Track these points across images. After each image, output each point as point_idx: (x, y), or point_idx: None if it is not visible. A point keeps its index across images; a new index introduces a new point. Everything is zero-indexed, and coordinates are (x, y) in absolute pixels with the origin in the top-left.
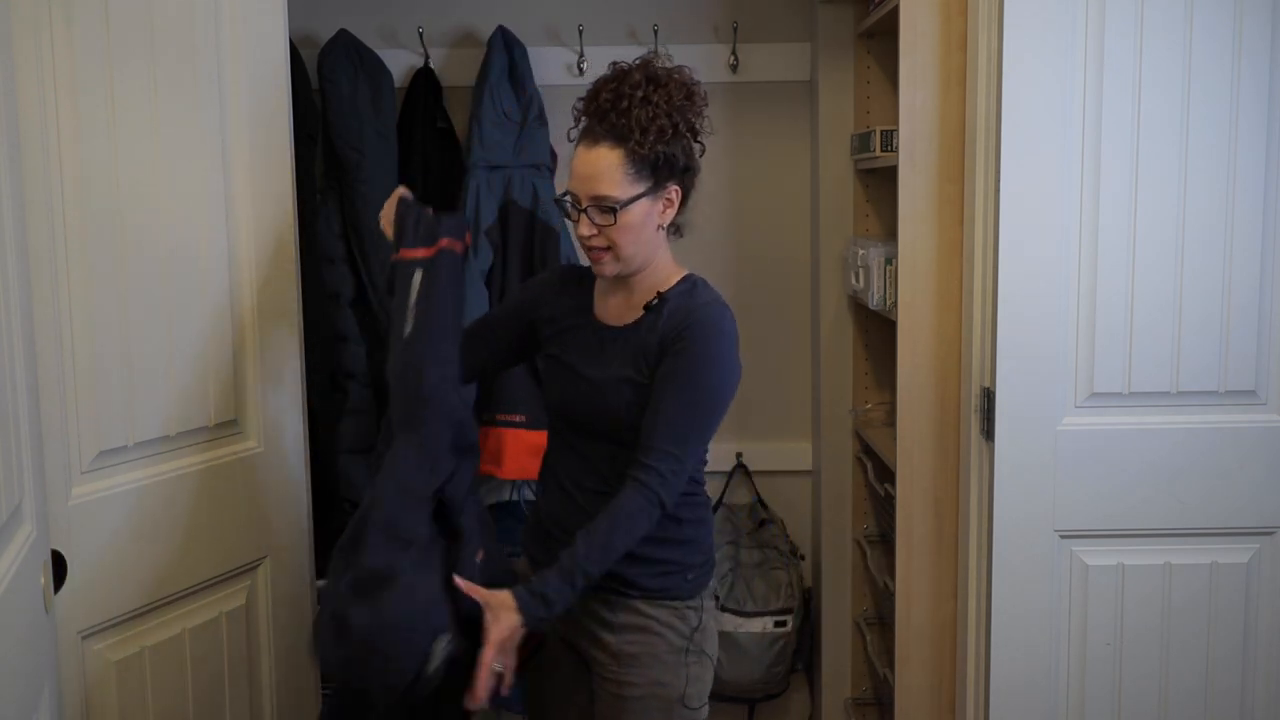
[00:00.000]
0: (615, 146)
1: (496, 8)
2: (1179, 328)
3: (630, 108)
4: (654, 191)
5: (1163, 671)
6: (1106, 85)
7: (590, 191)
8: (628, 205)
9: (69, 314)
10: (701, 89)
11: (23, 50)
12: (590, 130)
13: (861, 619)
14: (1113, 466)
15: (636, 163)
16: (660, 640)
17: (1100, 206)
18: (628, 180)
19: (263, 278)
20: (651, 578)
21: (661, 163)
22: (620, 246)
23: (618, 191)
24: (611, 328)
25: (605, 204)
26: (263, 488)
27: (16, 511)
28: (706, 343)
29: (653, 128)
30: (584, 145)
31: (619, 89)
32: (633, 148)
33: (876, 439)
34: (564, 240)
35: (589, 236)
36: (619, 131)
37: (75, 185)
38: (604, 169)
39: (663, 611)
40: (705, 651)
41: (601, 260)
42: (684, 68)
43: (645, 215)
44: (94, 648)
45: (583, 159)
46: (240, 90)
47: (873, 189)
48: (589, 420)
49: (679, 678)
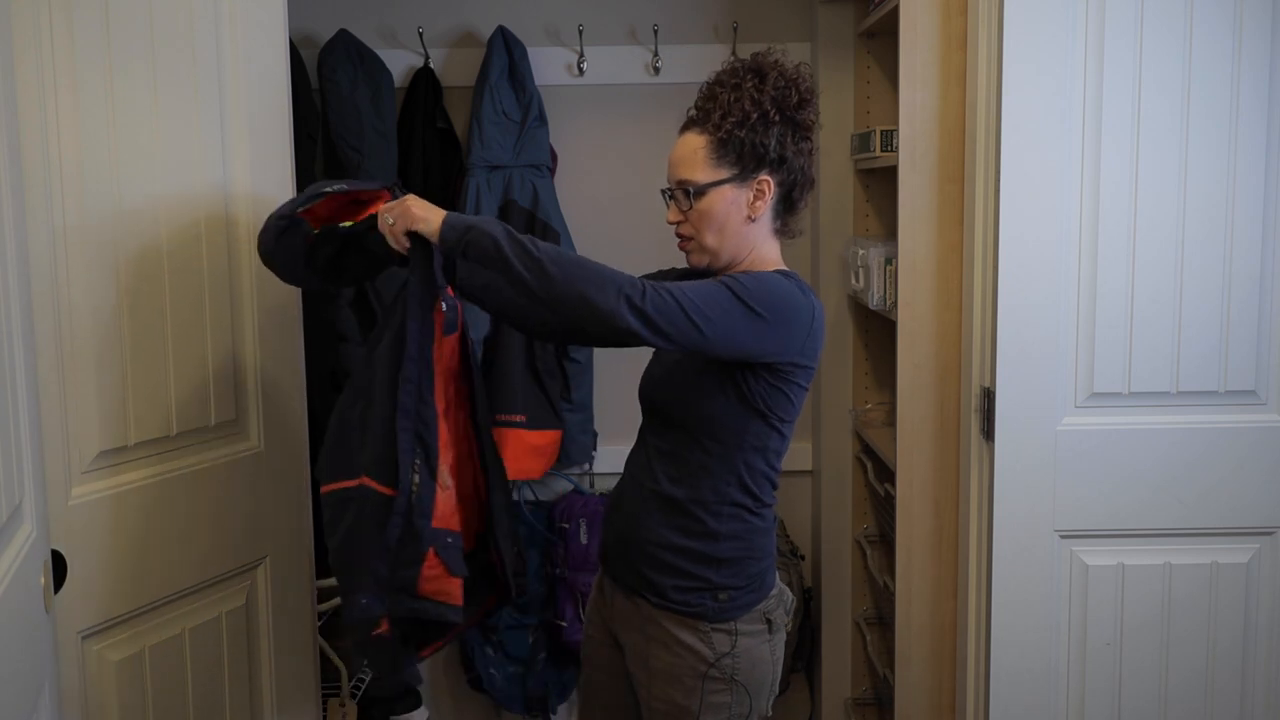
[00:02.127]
0: (700, 131)
1: (496, 8)
2: (1179, 327)
3: (720, 92)
4: (739, 179)
5: (1163, 671)
6: (1106, 85)
7: (674, 176)
8: (705, 190)
9: (69, 314)
10: (809, 84)
11: (22, 51)
12: (687, 117)
13: (861, 619)
14: (1113, 466)
15: (719, 147)
16: (680, 662)
17: (1100, 206)
18: (709, 165)
19: (263, 278)
20: (678, 591)
21: (747, 150)
22: (702, 234)
23: (698, 175)
24: None
25: (684, 187)
26: (263, 488)
27: (16, 511)
28: (770, 281)
29: (735, 110)
30: (680, 132)
31: (719, 77)
32: (715, 132)
33: (876, 439)
34: (564, 240)
35: (674, 223)
36: (706, 115)
37: (75, 186)
38: (687, 153)
39: (686, 633)
40: (736, 679)
41: (688, 248)
42: (798, 64)
43: (728, 203)
44: (94, 648)
45: (676, 145)
46: (240, 90)
47: (873, 189)
48: (659, 404)
49: (694, 702)
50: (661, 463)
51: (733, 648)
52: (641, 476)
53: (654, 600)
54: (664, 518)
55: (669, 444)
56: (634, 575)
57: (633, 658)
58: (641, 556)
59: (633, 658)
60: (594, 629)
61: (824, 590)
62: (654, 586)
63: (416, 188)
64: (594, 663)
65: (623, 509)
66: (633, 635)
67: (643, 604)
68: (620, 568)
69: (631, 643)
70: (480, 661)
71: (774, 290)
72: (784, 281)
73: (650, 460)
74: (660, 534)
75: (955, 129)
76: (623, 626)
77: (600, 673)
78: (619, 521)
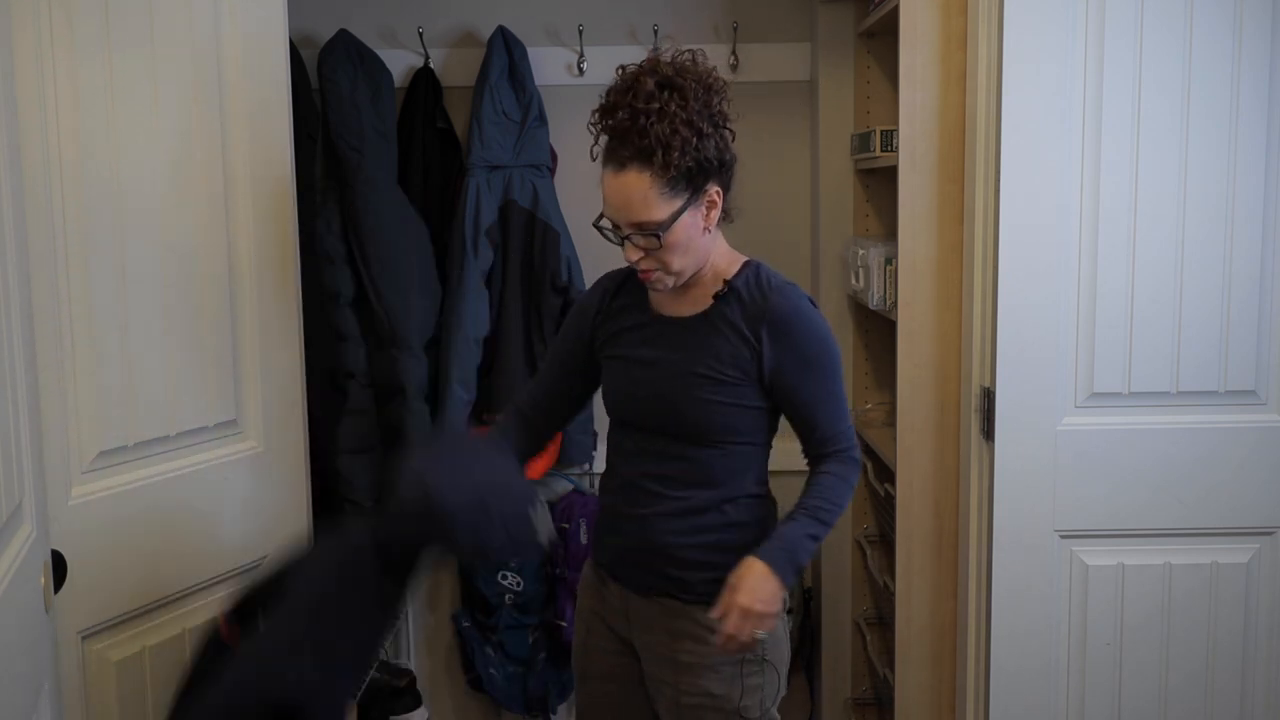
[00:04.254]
0: (643, 169)
1: (496, 8)
2: (1179, 328)
3: (649, 125)
4: (693, 201)
5: (1163, 671)
6: (1106, 85)
7: (628, 219)
8: (670, 225)
9: (69, 314)
10: (717, 76)
11: (22, 52)
12: (613, 153)
13: (861, 619)
14: (1113, 466)
15: (668, 181)
16: (716, 650)
17: (1100, 206)
18: (664, 200)
19: (263, 277)
20: (707, 583)
21: (695, 171)
22: (670, 263)
23: (656, 214)
24: (675, 319)
25: (647, 230)
26: (263, 488)
27: (16, 511)
28: (812, 321)
29: (675, 141)
30: (610, 170)
31: (634, 106)
32: (660, 167)
33: (876, 439)
34: (564, 240)
35: (637, 261)
36: (643, 152)
37: (75, 187)
38: (636, 195)
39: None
40: (767, 659)
41: (652, 279)
42: (694, 55)
43: (689, 227)
44: (94, 648)
45: (612, 185)
46: (240, 90)
47: (873, 189)
48: (649, 411)
49: (734, 689)
50: (677, 471)
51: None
52: (652, 485)
53: (682, 596)
54: (684, 522)
55: (683, 453)
56: (656, 578)
57: (655, 658)
58: (665, 560)
59: (655, 658)
60: (596, 638)
61: (824, 590)
62: (680, 583)
63: (417, 187)
64: (600, 673)
65: (635, 518)
66: (655, 635)
67: (668, 602)
68: (638, 573)
69: (653, 642)
70: (480, 661)
71: (832, 342)
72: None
73: (662, 470)
74: (683, 537)
75: (955, 129)
76: (641, 628)
77: (609, 683)
78: (632, 531)
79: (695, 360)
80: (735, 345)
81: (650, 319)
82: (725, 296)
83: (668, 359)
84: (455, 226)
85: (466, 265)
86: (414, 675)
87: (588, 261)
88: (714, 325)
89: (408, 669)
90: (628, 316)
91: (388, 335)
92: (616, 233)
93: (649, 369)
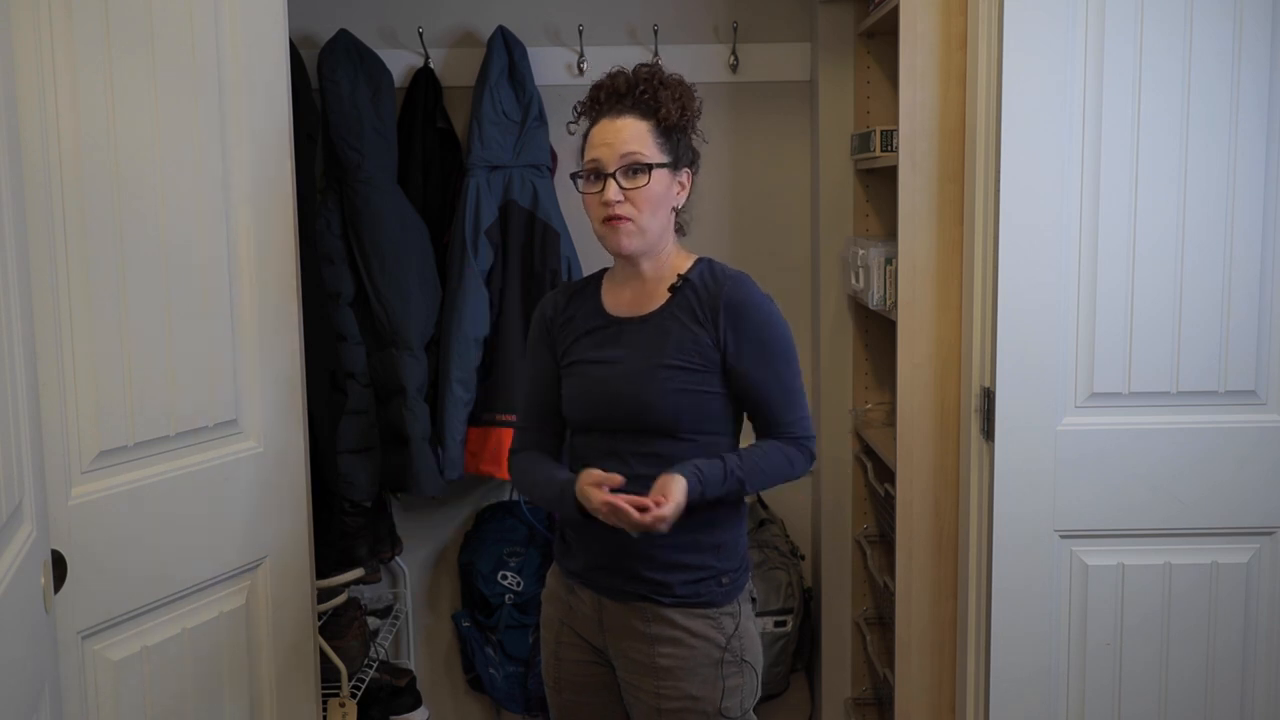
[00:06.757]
0: (643, 118)
1: (496, 8)
2: (1179, 328)
3: (653, 87)
4: (673, 168)
5: (1162, 671)
6: (1106, 85)
7: (621, 151)
8: (655, 169)
9: (69, 314)
10: (697, 96)
11: (22, 52)
12: (611, 108)
13: (861, 619)
14: (1112, 466)
15: (663, 134)
16: (695, 653)
17: (1100, 206)
18: (656, 147)
19: (263, 277)
20: (685, 585)
21: (680, 144)
22: (642, 214)
23: (648, 154)
24: (631, 319)
25: (638, 163)
26: (263, 488)
27: (16, 511)
28: (765, 310)
29: (674, 107)
30: (607, 119)
31: (631, 78)
32: (661, 119)
33: (876, 439)
34: (564, 240)
35: (616, 202)
36: (645, 106)
37: (75, 187)
38: (635, 133)
39: (697, 622)
40: (745, 659)
41: (620, 228)
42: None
43: (665, 188)
44: (94, 648)
45: (607, 129)
46: (240, 90)
47: (873, 189)
48: (617, 409)
49: (715, 690)
50: (649, 470)
51: (737, 628)
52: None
53: (661, 599)
54: None
55: (654, 449)
56: (634, 583)
57: (631, 664)
58: (643, 564)
59: (631, 664)
60: (567, 648)
61: (824, 590)
62: (660, 586)
63: (417, 187)
64: (576, 684)
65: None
66: (631, 641)
67: (646, 606)
68: (614, 580)
69: (630, 648)
70: (480, 661)
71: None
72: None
73: (634, 470)
74: (660, 537)
75: (955, 129)
76: (617, 635)
77: (585, 694)
78: (606, 535)
79: (658, 353)
80: (695, 333)
81: (607, 321)
82: (680, 289)
83: (631, 356)
84: (455, 226)
85: (466, 265)
86: (414, 675)
87: (588, 262)
88: (673, 317)
89: (408, 669)
90: (583, 321)
91: (388, 335)
92: (600, 175)
93: (613, 368)
